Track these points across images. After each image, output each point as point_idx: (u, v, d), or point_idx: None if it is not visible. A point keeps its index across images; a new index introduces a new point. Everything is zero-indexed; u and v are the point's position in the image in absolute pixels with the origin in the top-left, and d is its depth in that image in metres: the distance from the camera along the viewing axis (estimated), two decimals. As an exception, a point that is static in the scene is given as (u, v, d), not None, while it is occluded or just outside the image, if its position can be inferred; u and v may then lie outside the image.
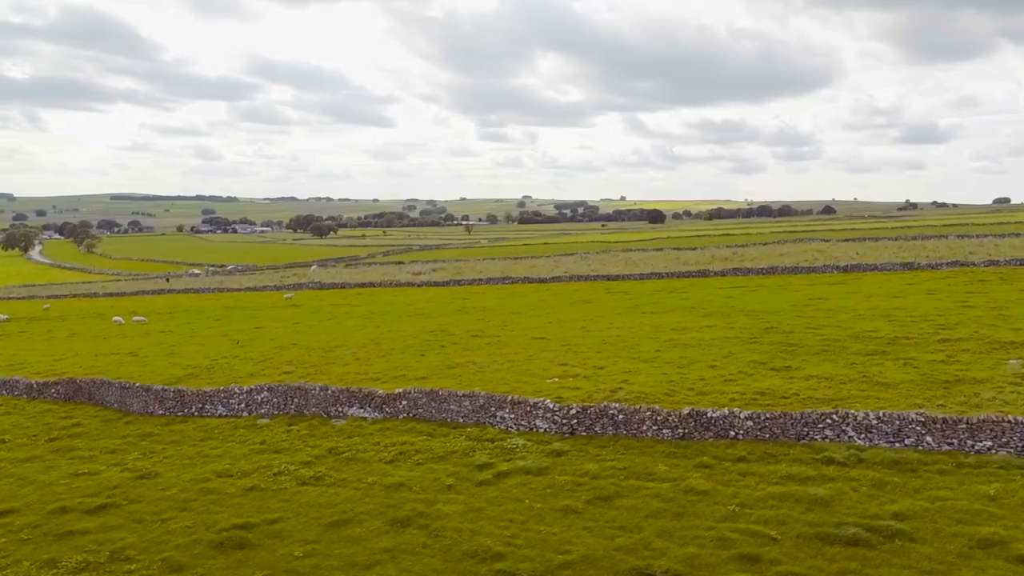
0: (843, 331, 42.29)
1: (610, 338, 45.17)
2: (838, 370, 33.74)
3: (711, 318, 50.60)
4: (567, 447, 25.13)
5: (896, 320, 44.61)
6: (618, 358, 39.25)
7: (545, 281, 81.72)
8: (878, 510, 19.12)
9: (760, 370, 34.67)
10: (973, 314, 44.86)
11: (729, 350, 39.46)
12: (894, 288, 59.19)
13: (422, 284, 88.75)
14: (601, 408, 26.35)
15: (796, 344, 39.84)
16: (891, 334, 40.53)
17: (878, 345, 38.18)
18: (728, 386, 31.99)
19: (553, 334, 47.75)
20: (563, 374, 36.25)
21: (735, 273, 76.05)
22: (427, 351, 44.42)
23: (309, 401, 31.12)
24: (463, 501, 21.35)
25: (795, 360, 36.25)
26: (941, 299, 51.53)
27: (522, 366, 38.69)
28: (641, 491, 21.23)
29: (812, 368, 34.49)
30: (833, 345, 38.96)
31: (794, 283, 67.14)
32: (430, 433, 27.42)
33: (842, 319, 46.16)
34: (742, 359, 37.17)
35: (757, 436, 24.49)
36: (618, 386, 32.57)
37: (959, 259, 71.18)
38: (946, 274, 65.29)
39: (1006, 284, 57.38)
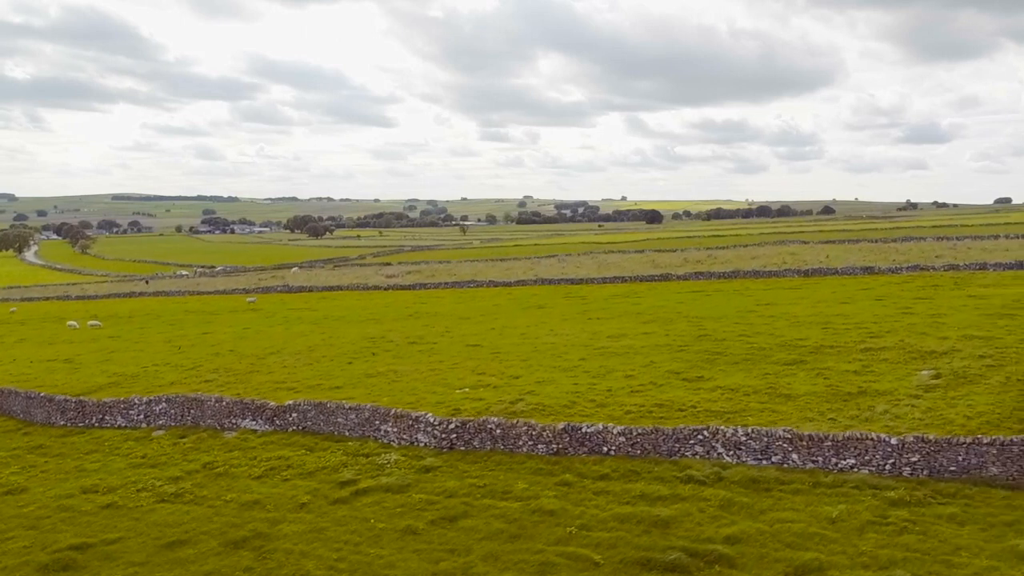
0: (774, 339, 41.80)
1: (543, 346, 44.76)
2: (749, 381, 33.29)
3: (652, 324, 50.12)
4: (439, 463, 24.75)
5: (831, 328, 44.07)
6: (540, 367, 38.85)
7: (510, 285, 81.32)
8: (713, 533, 18.69)
9: (672, 380, 34.24)
10: (909, 321, 44.31)
11: (653, 359, 39.02)
12: (847, 293, 58.62)
13: (389, 287, 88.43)
14: (480, 423, 25.95)
15: (721, 352, 39.38)
16: (819, 342, 40.03)
17: (801, 354, 37.69)
18: (631, 397, 31.58)
19: (489, 341, 47.37)
20: (476, 384, 35.88)
21: (697, 277, 75.53)
22: (357, 359, 44.08)
23: (205, 413, 30.80)
24: (310, 521, 20.99)
25: (712, 370, 35.80)
26: (886, 305, 50.98)
27: (441, 375, 38.35)
28: (490, 511, 20.84)
29: (724, 378, 34.05)
30: (757, 354, 38.49)
31: (751, 288, 66.60)
32: (311, 447, 27.09)
33: (778, 326, 45.65)
34: (660, 368, 36.74)
35: (628, 452, 24.06)
36: (521, 397, 32.18)
37: (919, 263, 70.53)
38: (903, 279, 64.69)
39: (958, 289, 56.77)
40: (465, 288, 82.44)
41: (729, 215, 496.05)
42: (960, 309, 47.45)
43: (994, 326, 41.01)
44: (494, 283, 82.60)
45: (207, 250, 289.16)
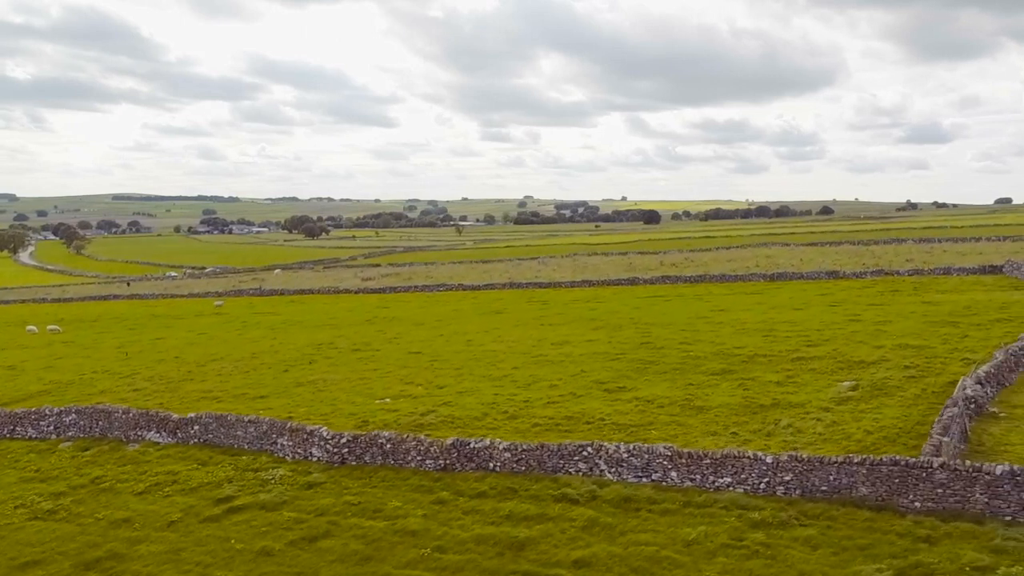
0: (712, 347, 41.37)
1: (483, 353, 44.38)
2: (670, 391, 32.90)
3: (601, 331, 49.72)
4: (324, 479, 24.41)
5: (772, 335, 43.63)
6: (470, 376, 38.51)
7: (478, 288, 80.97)
8: (564, 556, 18.31)
9: (594, 391, 33.85)
10: (853, 329, 43.83)
11: (585, 367, 38.64)
12: (804, 298, 58.13)
13: (360, 291, 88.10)
14: (371, 438, 25.60)
15: (655, 361, 38.97)
16: (755, 351, 39.60)
17: (732, 363, 37.27)
18: (545, 409, 31.21)
19: (433, 348, 47.01)
20: (399, 394, 35.55)
21: (664, 281, 75.07)
22: (294, 367, 43.78)
23: (112, 425, 30.52)
24: (172, 541, 20.67)
25: (638, 380, 35.39)
26: (837, 312, 50.47)
27: (369, 384, 38.03)
28: (353, 531, 20.50)
29: (647, 389, 33.66)
30: (690, 363, 38.08)
31: (713, 292, 66.15)
32: (204, 461, 26.77)
33: (722, 334, 45.21)
34: (588, 378, 36.36)
35: (513, 469, 23.68)
36: (435, 408, 31.86)
37: (884, 267, 69.96)
38: (865, 284, 64.17)
39: (915, 295, 56.22)
40: (435, 292, 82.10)
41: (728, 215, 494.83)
42: (908, 316, 46.96)
43: (933, 335, 40.54)
44: (463, 286, 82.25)
45: (202, 251, 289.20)
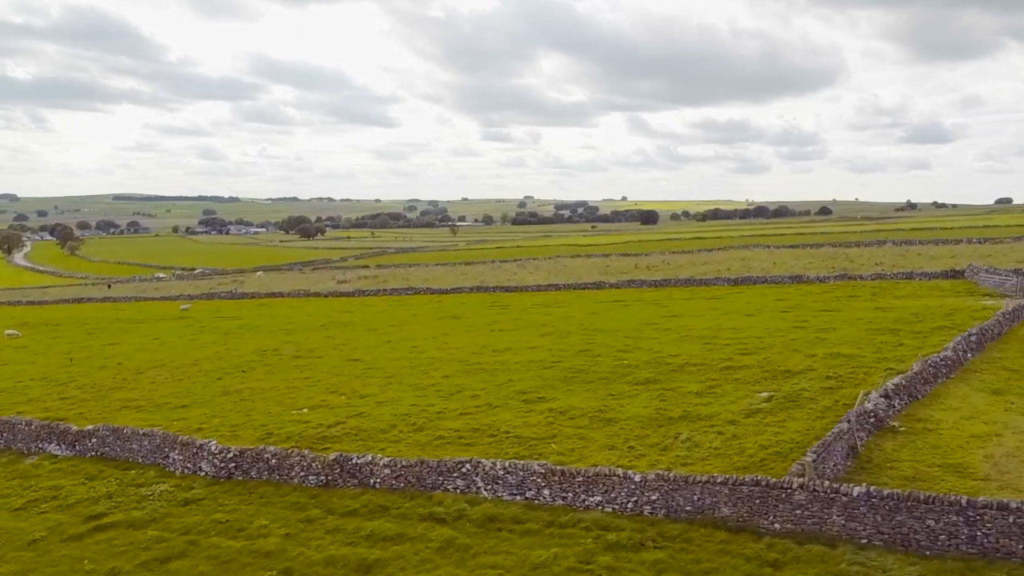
0: (648, 355, 40.92)
1: (422, 361, 44.00)
2: (586, 402, 32.46)
3: (548, 337, 49.29)
4: (204, 495, 24.07)
5: (712, 343, 43.16)
6: (399, 385, 38.10)
7: (445, 292, 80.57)
8: (405, 580, 17.94)
9: (512, 402, 33.43)
10: (793, 336, 43.34)
11: (514, 376, 38.22)
12: (760, 304, 57.63)
13: (330, 294, 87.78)
14: (257, 452, 25.25)
15: (585, 370, 38.51)
16: (689, 359, 39.14)
17: (662, 372, 36.82)
18: (456, 421, 30.81)
19: (374, 355, 46.67)
20: (319, 404, 35.19)
21: (629, 285, 74.61)
22: (229, 375, 43.45)
23: (16, 436, 30.25)
24: (26, 560, 20.36)
25: (561, 390, 34.94)
26: (786, 319, 49.95)
27: (296, 394, 37.68)
28: (208, 551, 20.15)
29: (565, 399, 33.23)
30: (619, 372, 37.61)
31: (673, 297, 65.70)
32: (93, 475, 26.46)
33: (664, 341, 44.76)
34: (513, 388, 35.94)
35: (392, 485, 23.31)
36: (344, 420, 31.50)
37: (848, 271, 69.45)
38: (825, 288, 63.64)
39: (870, 300, 55.66)
40: (403, 295, 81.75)
41: (727, 215, 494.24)
42: (854, 323, 46.42)
43: (870, 343, 40.02)
44: (431, 290, 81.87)
45: (196, 251, 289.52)
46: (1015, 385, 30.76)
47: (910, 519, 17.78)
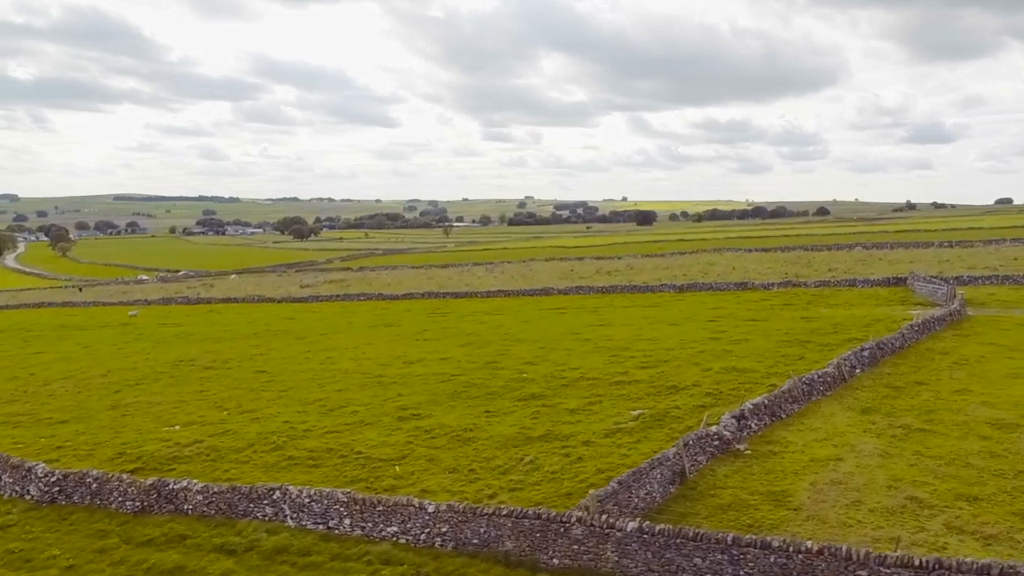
0: (550, 368, 40.23)
1: (327, 373, 43.37)
2: (460, 420, 31.78)
3: (466, 348, 48.71)
4: (18, 519, 23.55)
5: (621, 355, 42.46)
6: (287, 400, 37.45)
7: (397, 298, 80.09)
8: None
9: (387, 419, 32.76)
10: (702, 348, 42.60)
11: (406, 391, 37.58)
12: (691, 312, 56.93)
13: (284, 300, 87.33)
14: (79, 476, 24.72)
15: (479, 385, 37.87)
16: (586, 373, 38.44)
17: (550, 388, 36.12)
18: (318, 439, 30.15)
19: (283, 367, 46.13)
20: (197, 420, 34.61)
21: (577, 291, 73.95)
22: (131, 387, 42.91)
23: None
24: None
25: (444, 406, 34.29)
26: (708, 329, 49.15)
27: (181, 408, 37.13)
28: (-16, 583, 19.64)
29: (441, 416, 32.59)
30: (511, 387, 36.93)
31: (614, 304, 65.02)
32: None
33: (575, 353, 44.08)
34: (397, 403, 35.30)
35: (204, 512, 22.74)
36: (205, 439, 30.93)
37: (792, 278, 68.67)
38: (764, 296, 62.91)
39: (804, 309, 54.91)
40: (354, 301, 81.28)
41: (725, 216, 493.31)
42: (770, 334, 45.69)
43: (774, 356, 39.26)
44: (383, 296, 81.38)
45: (187, 252, 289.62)
46: (888, 403, 30.06)
47: (678, 556, 17.14)
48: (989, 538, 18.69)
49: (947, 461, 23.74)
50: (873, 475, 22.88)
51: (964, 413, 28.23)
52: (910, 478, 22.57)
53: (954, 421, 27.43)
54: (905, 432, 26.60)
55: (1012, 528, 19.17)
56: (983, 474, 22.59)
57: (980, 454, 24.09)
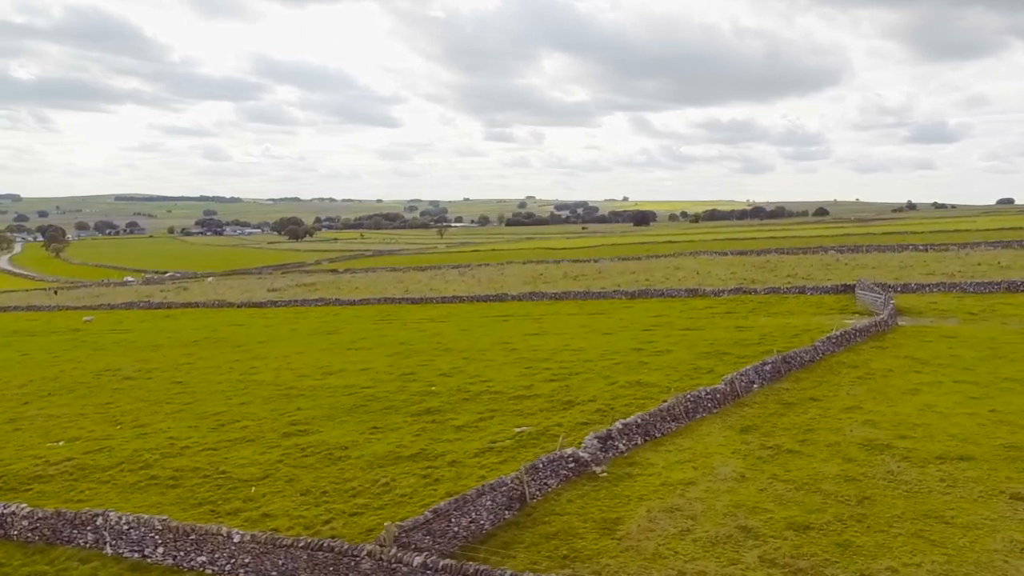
0: (463, 380, 39.69)
1: (239, 385, 42.77)
2: (343, 437, 31.20)
3: (393, 358, 48.19)
4: None
5: (536, 367, 41.83)
6: (186, 414, 36.79)
7: (355, 303, 79.64)
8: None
9: (272, 435, 32.13)
10: (621, 360, 41.96)
11: (305, 405, 36.98)
12: (634, 320, 56.31)
13: (243, 304, 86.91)
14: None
15: (383, 399, 37.33)
16: (490, 387, 37.79)
17: (450, 402, 35.50)
18: (193, 457, 29.57)
19: (202, 379, 45.59)
20: (86, 435, 34.02)
21: (531, 297, 73.36)
22: (42, 399, 42.44)
23: None
24: None
25: (336, 422, 33.72)
26: (637, 339, 48.51)
27: (79, 422, 36.55)
28: None
29: (327, 433, 32.01)
30: (413, 400, 36.34)
31: (561, 312, 64.41)
32: None
33: (495, 363, 43.54)
34: (292, 417, 34.73)
35: (27, 538, 22.22)
36: (79, 456, 30.42)
37: (742, 285, 67.93)
38: (711, 303, 62.21)
39: (740, 319, 54.28)
40: (311, 306, 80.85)
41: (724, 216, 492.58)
42: (696, 345, 45.04)
43: (687, 369, 38.58)
44: (340, 301, 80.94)
45: (180, 253, 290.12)
46: (772, 422, 29.37)
47: (458, 594, 16.52)
48: (797, 572, 18.03)
49: (799, 486, 23.07)
50: (716, 501, 22.22)
51: (842, 433, 27.54)
52: (752, 504, 21.91)
53: (828, 442, 26.74)
54: (773, 454, 25.93)
55: (827, 560, 18.50)
56: (828, 500, 21.92)
57: (835, 478, 23.40)
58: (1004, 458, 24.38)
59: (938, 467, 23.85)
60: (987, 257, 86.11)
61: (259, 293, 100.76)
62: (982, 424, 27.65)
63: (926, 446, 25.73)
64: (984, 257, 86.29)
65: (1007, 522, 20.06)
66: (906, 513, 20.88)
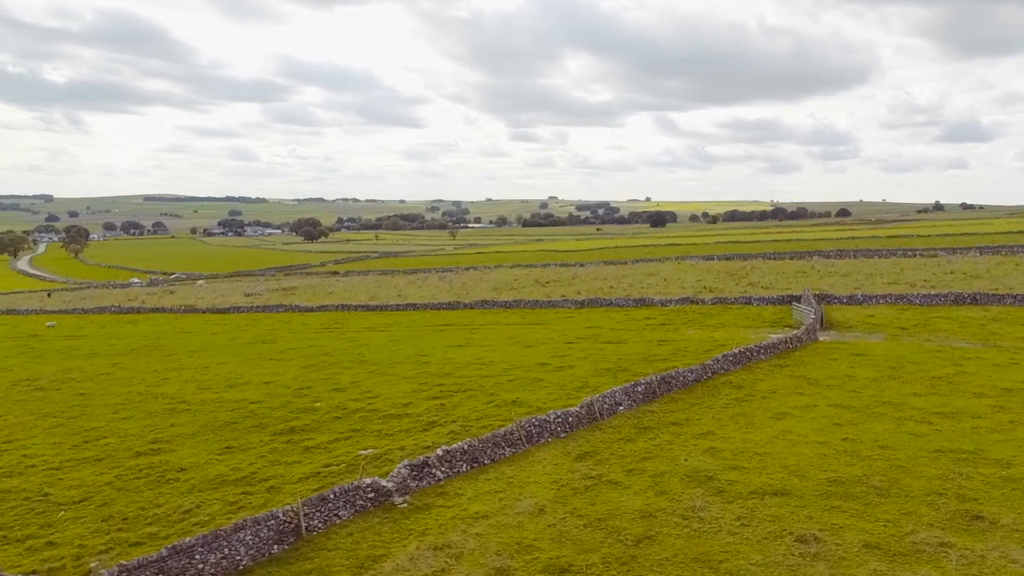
0: (353, 396, 39.07)
1: (135, 399, 42.43)
2: (192, 458, 30.67)
3: (304, 370, 47.76)
4: None
5: (430, 383, 41.01)
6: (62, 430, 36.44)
7: (311, 310, 79.48)
8: None
9: (127, 454, 31.77)
10: (517, 376, 41.01)
11: (184, 420, 36.68)
12: (566, 330, 55.27)
13: (208, 310, 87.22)
14: None
15: (257, 416, 36.73)
16: (370, 405, 37.10)
17: (326, 419, 34.86)
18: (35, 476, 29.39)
19: (108, 390, 45.36)
20: (-50, 450, 34.13)
21: (483, 306, 72.57)
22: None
23: None
24: None
25: (197, 440, 33.22)
26: (553, 352, 47.55)
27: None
28: None
29: (180, 452, 31.57)
30: (286, 419, 35.77)
31: (501, 321, 63.57)
32: None
33: (393, 378, 42.85)
34: (160, 434, 34.35)
35: None
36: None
37: (691, 295, 66.45)
38: (652, 314, 60.92)
39: (672, 331, 53.00)
40: (272, 312, 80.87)
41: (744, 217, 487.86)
42: (604, 360, 43.92)
43: (576, 385, 37.54)
44: (299, 308, 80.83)
45: (194, 254, 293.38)
46: (614, 448, 28.27)
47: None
48: (514, 624, 17.11)
49: (590, 522, 22.06)
50: (495, 538, 21.30)
51: (675, 462, 26.43)
52: (528, 543, 20.97)
53: (656, 472, 25.67)
54: (591, 484, 24.92)
55: (557, 611, 17.56)
56: (608, 539, 20.90)
57: (632, 515, 22.35)
58: (821, 494, 23.17)
59: (745, 503, 22.72)
60: (965, 265, 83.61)
61: (235, 298, 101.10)
62: (824, 455, 26.39)
63: (750, 479, 24.57)
64: (961, 265, 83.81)
65: (776, 568, 18.95)
66: (677, 556, 19.85)
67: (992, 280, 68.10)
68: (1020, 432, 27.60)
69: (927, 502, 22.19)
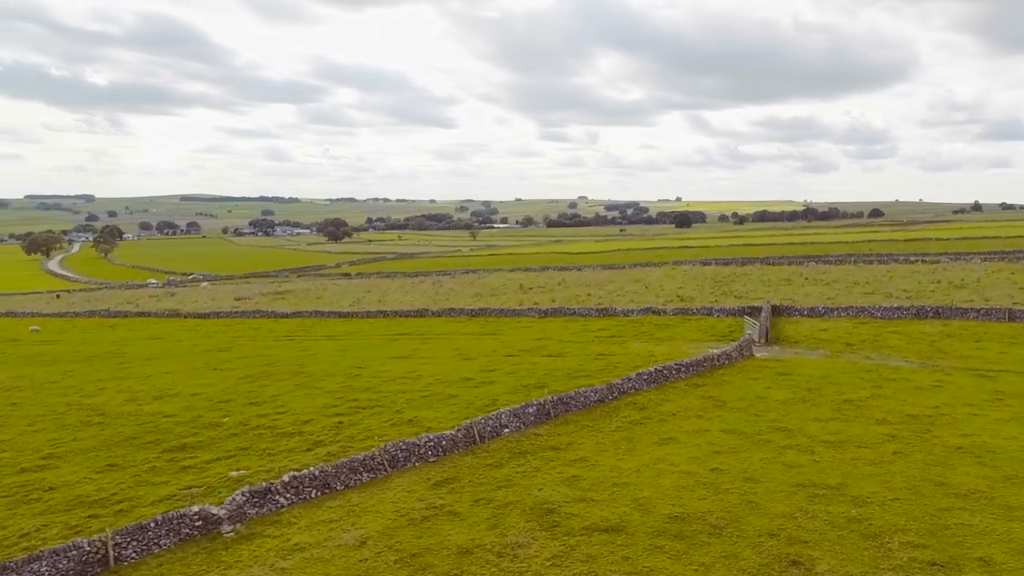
0: (262, 410, 38.84)
1: (61, 408, 42.71)
2: (72, 477, 30.46)
3: (240, 381, 47.70)
4: None
5: (345, 397, 40.56)
6: (-23, 440, 37.14)
7: (286, 316, 79.71)
8: None
9: (11, 469, 31.82)
10: (434, 392, 40.38)
11: (91, 434, 36.67)
12: (514, 341, 54.49)
13: (189, 315, 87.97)
14: None
15: (163, 430, 36.62)
16: (279, 421, 36.77)
17: (222, 436, 34.52)
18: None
19: (45, 400, 45.65)
20: None
21: (448, 313, 72.07)
22: None
23: None
24: None
25: (89, 456, 33.01)
26: (489, 365, 46.82)
27: None
28: None
29: (63, 469, 31.44)
30: (183, 435, 35.46)
31: (460, 330, 62.98)
32: None
33: (315, 391, 42.53)
34: (57, 449, 34.40)
35: None
36: None
37: (652, 305, 65.13)
38: (611, 324, 59.78)
39: (618, 344, 51.92)
40: (245, 318, 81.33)
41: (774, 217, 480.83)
42: (531, 375, 43.07)
43: (484, 402, 36.86)
44: (275, 313, 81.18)
45: (219, 254, 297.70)
46: (476, 475, 27.46)
47: None
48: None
49: (404, 559, 21.30)
50: (299, 575, 20.75)
51: (529, 492, 25.58)
52: (327, 580, 20.38)
53: (503, 502, 24.83)
54: (428, 516, 24.19)
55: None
56: (408, 579, 20.21)
57: (448, 552, 21.57)
58: (654, 531, 22.18)
59: (569, 540, 21.82)
60: (957, 273, 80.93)
61: (224, 302, 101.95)
62: (682, 487, 25.34)
63: (591, 512, 23.66)
64: (954, 273, 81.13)
65: (559, 616, 18.10)
66: (468, 599, 19.09)
67: (973, 291, 65.76)
68: (897, 466, 26.24)
69: (755, 544, 21.10)
